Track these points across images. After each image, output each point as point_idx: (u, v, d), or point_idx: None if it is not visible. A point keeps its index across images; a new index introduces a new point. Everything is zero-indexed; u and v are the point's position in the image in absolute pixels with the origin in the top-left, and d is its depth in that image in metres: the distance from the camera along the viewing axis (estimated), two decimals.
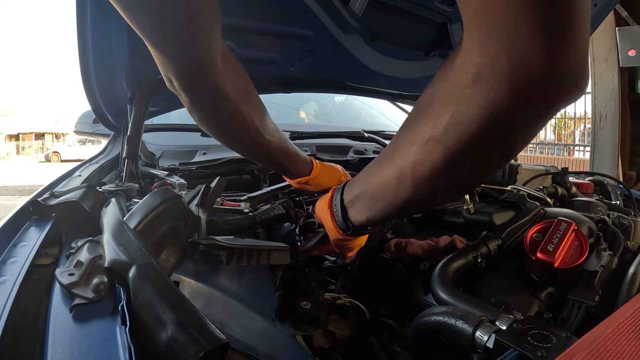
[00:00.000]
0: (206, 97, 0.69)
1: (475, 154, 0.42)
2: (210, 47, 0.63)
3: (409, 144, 0.46)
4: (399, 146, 0.49)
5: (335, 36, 1.29)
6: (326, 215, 0.65)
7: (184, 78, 0.66)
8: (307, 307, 0.58)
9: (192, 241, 0.55)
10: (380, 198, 0.54)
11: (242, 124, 0.75)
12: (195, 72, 0.65)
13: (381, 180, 0.52)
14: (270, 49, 1.31)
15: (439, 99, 0.42)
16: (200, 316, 0.36)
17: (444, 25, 1.38)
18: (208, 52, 0.63)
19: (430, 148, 0.43)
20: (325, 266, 0.85)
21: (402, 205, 0.52)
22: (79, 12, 0.96)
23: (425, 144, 0.43)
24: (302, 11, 1.17)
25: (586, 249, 0.58)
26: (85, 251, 0.53)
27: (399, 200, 0.51)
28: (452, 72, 0.40)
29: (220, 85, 0.68)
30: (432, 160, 0.43)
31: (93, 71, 1.09)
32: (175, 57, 0.63)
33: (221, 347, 0.34)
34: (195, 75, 0.65)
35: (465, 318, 0.45)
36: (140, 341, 0.37)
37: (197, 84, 0.67)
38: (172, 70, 0.64)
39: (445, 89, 0.41)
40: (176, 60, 0.63)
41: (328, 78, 1.54)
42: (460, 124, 0.39)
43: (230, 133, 0.79)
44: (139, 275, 0.40)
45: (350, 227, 0.61)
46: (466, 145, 0.40)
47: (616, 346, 0.33)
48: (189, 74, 0.65)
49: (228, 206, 0.91)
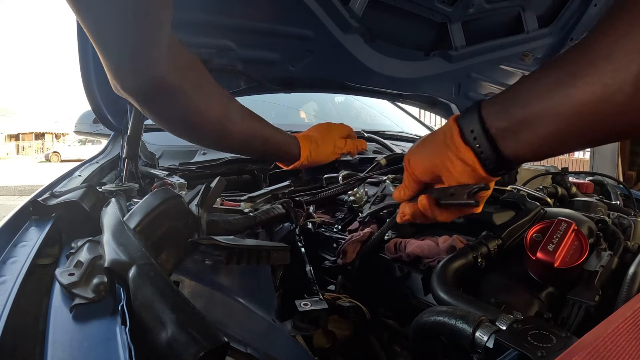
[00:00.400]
0: (152, 94, 0.64)
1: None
2: (154, 43, 0.59)
3: (628, 53, 0.35)
4: (613, 52, 0.36)
5: (335, 36, 1.29)
6: (456, 159, 0.49)
7: (125, 77, 0.61)
8: (307, 307, 0.58)
9: (192, 241, 0.55)
10: (580, 121, 0.40)
11: (199, 117, 0.70)
12: (137, 67, 0.60)
13: (587, 96, 0.38)
14: (271, 49, 1.31)
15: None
16: (200, 316, 0.36)
17: (444, 25, 1.38)
18: (152, 46, 0.59)
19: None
20: (325, 266, 0.85)
21: (598, 135, 0.41)
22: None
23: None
24: (302, 11, 1.17)
25: (586, 249, 0.58)
26: (85, 251, 0.53)
27: (600, 126, 0.39)
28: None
29: (167, 79, 0.63)
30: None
31: (93, 71, 1.09)
32: (114, 53, 0.59)
33: (221, 347, 0.34)
34: (136, 71, 0.61)
35: (465, 318, 0.45)
36: (140, 341, 0.37)
37: (140, 80, 0.62)
38: (112, 67, 0.60)
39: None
40: (116, 56, 0.59)
41: (328, 78, 1.54)
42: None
43: (188, 129, 0.74)
44: (139, 275, 0.40)
45: (502, 166, 0.47)
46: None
47: (616, 346, 0.33)
48: (130, 69, 0.61)
49: (228, 206, 0.91)
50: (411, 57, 1.47)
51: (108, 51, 0.58)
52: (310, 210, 1.00)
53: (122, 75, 0.61)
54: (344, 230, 0.95)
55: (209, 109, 0.70)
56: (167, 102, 0.66)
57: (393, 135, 1.92)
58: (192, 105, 0.68)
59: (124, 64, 0.60)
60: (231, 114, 0.74)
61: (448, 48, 1.45)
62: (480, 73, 1.65)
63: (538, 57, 1.68)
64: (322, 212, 1.14)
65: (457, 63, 1.51)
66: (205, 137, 0.77)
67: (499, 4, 1.37)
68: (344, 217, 1.04)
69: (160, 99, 0.65)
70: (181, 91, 0.65)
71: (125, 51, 0.58)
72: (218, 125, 0.72)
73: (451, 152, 0.49)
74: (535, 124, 0.43)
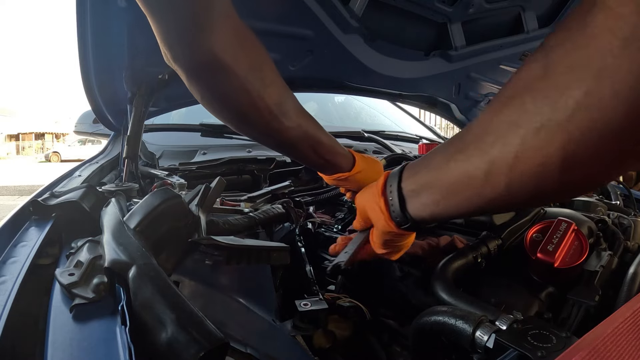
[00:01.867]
0: (203, 69, 0.59)
1: (608, 149, 0.32)
2: (208, 8, 0.54)
3: (511, 128, 0.36)
4: (492, 130, 0.38)
5: (335, 36, 1.29)
6: (376, 205, 0.56)
7: (175, 46, 0.57)
8: (307, 307, 0.58)
9: (192, 241, 0.55)
10: (457, 192, 0.44)
11: (251, 103, 0.63)
12: (188, 36, 0.55)
13: (462, 171, 0.42)
14: (271, 49, 1.31)
15: (562, 71, 0.32)
16: (200, 316, 0.36)
17: (444, 25, 1.38)
18: (205, 12, 0.54)
19: (545, 137, 0.33)
20: (325, 266, 0.85)
21: (484, 205, 0.42)
22: (79, 12, 0.96)
23: (538, 130, 0.33)
24: (302, 11, 1.17)
25: (586, 249, 0.58)
26: (85, 251, 0.53)
27: (482, 199, 0.41)
28: (586, 35, 0.30)
29: (220, 54, 0.57)
30: (545, 154, 0.34)
31: (93, 71, 1.09)
32: (164, 19, 0.54)
33: (221, 347, 0.34)
34: (188, 40, 0.56)
35: (465, 318, 0.45)
36: (140, 341, 0.37)
37: (190, 51, 0.57)
38: (163, 36, 0.55)
39: (573, 58, 0.31)
40: (166, 22, 0.54)
41: (328, 78, 1.54)
42: (595, 106, 0.30)
43: (237, 114, 0.66)
44: (139, 275, 0.40)
45: (409, 221, 0.52)
46: (599, 135, 0.31)
47: (616, 346, 0.33)
48: (181, 38, 0.56)
49: (228, 206, 0.91)
50: (411, 57, 1.47)
51: (155, 14, 0.53)
52: (310, 210, 1.00)
53: (172, 44, 0.56)
54: (344, 230, 0.95)
55: (265, 96, 0.63)
56: (220, 80, 0.60)
57: (393, 135, 1.92)
58: (246, 88, 0.61)
59: (173, 30, 0.55)
60: (286, 108, 0.67)
61: (448, 48, 1.45)
62: (480, 73, 1.65)
63: None
64: (322, 212, 1.14)
65: (457, 63, 1.51)
66: (255, 127, 0.68)
67: (499, 4, 1.37)
68: (344, 217, 1.04)
69: (212, 75, 0.59)
70: (235, 70, 0.59)
71: (177, 15, 0.53)
72: (270, 117, 0.65)
73: (374, 200, 0.56)
74: (430, 187, 0.48)
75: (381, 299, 0.77)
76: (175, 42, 0.56)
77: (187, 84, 0.62)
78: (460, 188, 0.43)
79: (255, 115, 0.64)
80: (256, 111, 0.63)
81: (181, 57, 0.57)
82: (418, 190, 0.50)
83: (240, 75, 0.60)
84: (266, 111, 0.64)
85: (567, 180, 0.35)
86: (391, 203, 0.53)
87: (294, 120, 0.68)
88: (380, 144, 1.71)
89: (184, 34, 0.55)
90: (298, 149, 0.72)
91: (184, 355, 0.33)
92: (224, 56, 0.57)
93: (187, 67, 0.59)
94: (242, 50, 0.60)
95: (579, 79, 0.31)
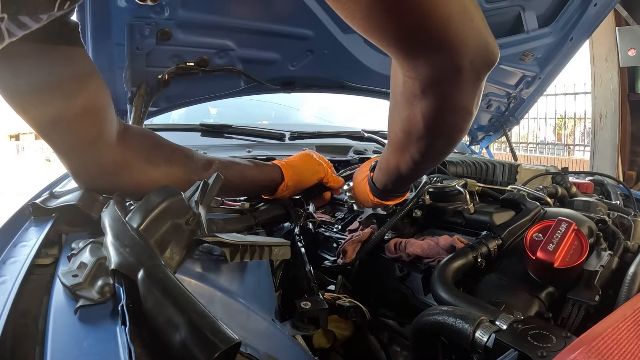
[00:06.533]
0: (108, 176, 0.70)
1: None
2: (103, 127, 0.66)
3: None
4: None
5: (335, 36, 1.29)
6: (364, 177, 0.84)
7: (81, 170, 0.69)
8: (307, 307, 0.58)
9: (197, 239, 0.55)
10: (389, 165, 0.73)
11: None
12: (91, 153, 0.66)
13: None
14: (271, 49, 1.31)
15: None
16: (212, 317, 0.36)
17: None
18: (100, 132, 0.65)
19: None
20: (325, 266, 0.85)
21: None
22: (79, 12, 0.96)
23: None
24: (302, 11, 1.17)
25: (586, 249, 0.58)
26: (87, 252, 0.53)
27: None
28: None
29: (121, 161, 0.69)
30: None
31: None
32: (67, 143, 0.65)
33: (233, 346, 0.34)
34: (91, 155, 0.67)
35: (465, 318, 0.45)
36: (153, 343, 0.37)
37: (94, 165, 0.68)
38: (68, 161, 0.67)
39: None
40: (69, 146, 0.65)
41: (328, 78, 1.54)
42: None
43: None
44: (148, 278, 0.40)
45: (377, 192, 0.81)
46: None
47: (616, 345, 0.33)
48: (84, 156, 0.67)
49: (228, 206, 0.91)
50: None
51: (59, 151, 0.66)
52: (310, 210, 1.00)
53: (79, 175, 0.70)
54: (344, 230, 0.95)
55: (171, 176, 0.73)
56: (125, 176, 0.71)
57: None
58: (152, 180, 0.71)
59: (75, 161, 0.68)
60: (196, 170, 0.76)
61: None
62: None
63: (538, 57, 1.67)
64: (322, 212, 1.14)
65: None
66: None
67: (499, 3, 1.37)
68: (344, 217, 1.04)
69: (117, 178, 0.70)
70: (136, 168, 0.71)
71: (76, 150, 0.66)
72: (188, 186, 0.69)
73: (362, 174, 0.85)
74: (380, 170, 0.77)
75: (381, 299, 0.77)
76: (81, 166, 0.69)
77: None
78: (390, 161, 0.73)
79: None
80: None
81: (90, 184, 0.71)
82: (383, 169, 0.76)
83: (140, 171, 0.72)
84: (180, 183, 0.71)
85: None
86: (370, 177, 0.81)
87: (204, 173, 0.76)
88: (380, 143, 1.71)
89: (88, 151, 0.66)
90: (228, 189, 0.81)
91: (200, 357, 0.33)
92: (124, 161, 0.70)
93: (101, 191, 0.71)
94: (137, 151, 0.72)
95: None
